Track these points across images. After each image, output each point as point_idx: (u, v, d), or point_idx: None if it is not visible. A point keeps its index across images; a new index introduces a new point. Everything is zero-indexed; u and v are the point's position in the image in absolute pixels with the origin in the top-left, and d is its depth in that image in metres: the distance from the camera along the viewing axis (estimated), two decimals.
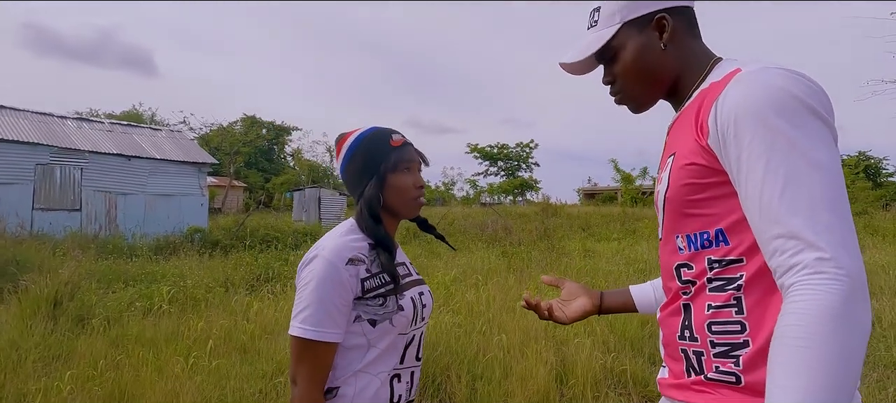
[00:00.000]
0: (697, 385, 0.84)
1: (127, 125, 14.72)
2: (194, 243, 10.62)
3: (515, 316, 4.62)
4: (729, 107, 0.76)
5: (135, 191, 13.01)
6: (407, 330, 1.13)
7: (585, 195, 40.69)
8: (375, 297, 1.08)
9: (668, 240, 0.89)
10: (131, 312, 4.98)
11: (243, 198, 33.22)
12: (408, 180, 1.16)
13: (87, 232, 10.97)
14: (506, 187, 42.23)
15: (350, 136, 1.19)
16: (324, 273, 1.04)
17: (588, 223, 18.36)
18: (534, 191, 44.87)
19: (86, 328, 4.52)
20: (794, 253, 0.69)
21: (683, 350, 0.87)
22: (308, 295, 1.04)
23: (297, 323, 1.04)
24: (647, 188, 33.98)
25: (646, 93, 0.96)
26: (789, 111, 0.72)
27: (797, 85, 0.74)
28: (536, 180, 46.30)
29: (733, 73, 0.80)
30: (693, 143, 0.82)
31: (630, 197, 31.81)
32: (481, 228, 15.66)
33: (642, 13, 0.91)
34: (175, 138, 15.08)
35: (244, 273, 7.14)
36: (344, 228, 1.15)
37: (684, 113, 0.90)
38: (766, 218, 0.72)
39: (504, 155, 49.05)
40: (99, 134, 13.22)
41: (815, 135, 0.72)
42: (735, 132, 0.75)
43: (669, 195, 0.86)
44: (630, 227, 16.93)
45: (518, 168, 48.96)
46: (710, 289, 0.83)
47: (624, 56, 0.93)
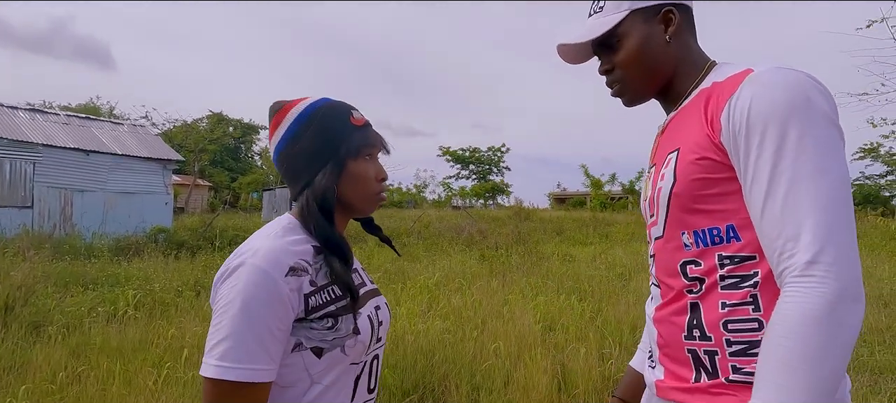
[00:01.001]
0: (716, 387, 0.82)
1: (85, 118, 13.88)
2: (158, 244, 10.08)
3: (504, 322, 4.51)
4: (742, 106, 0.76)
5: (93, 187, 12.26)
6: (361, 358, 0.88)
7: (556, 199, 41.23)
8: (323, 317, 0.83)
9: (672, 237, 0.87)
10: (93, 318, 4.60)
11: (208, 197, 32.10)
12: (370, 169, 0.94)
13: (40, 231, 10.25)
14: (477, 190, 42.38)
15: (293, 107, 0.93)
16: (255, 286, 0.77)
17: (561, 227, 18.53)
18: (505, 195, 45.23)
19: (41, 336, 4.13)
20: (789, 256, 0.72)
21: (691, 351, 0.84)
22: (231, 320, 0.76)
23: (213, 359, 0.76)
24: (616, 193, 34.72)
25: (644, 84, 0.95)
26: (801, 114, 0.73)
27: (810, 88, 0.75)
28: (507, 184, 46.72)
29: (745, 73, 0.80)
30: (704, 139, 0.81)
31: (599, 201, 32.42)
32: (456, 231, 15.57)
33: (652, 3, 0.91)
34: (138, 133, 14.33)
35: (215, 276, 6.78)
36: (279, 227, 0.88)
37: (684, 111, 0.90)
38: (768, 219, 0.74)
39: (476, 158, 49.29)
40: (54, 126, 12.41)
41: (824, 140, 0.73)
42: (747, 131, 0.75)
43: (677, 190, 0.84)
44: (602, 232, 17.18)
45: (489, 171, 49.29)
46: (722, 287, 0.82)
47: (628, 44, 0.92)
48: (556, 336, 4.27)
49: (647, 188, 0.98)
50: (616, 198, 34.31)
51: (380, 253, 9.38)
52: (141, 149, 13.32)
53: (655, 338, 0.93)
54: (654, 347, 0.94)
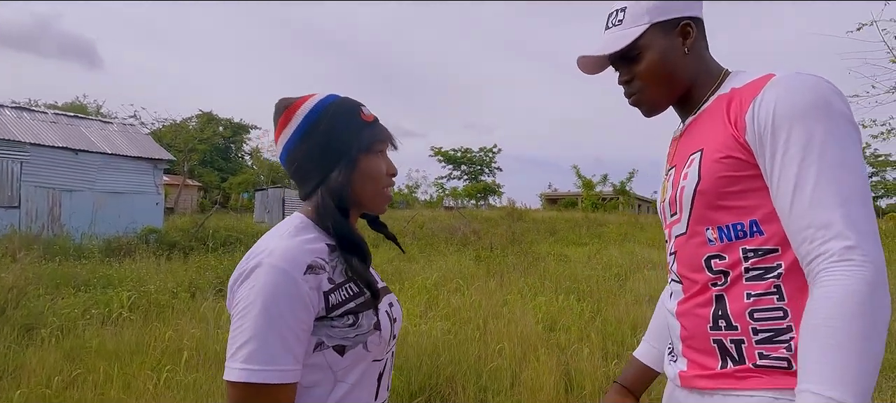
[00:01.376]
0: (743, 372, 0.85)
1: (73, 116, 13.63)
2: (149, 244, 9.93)
3: (505, 322, 4.49)
4: (767, 107, 0.81)
5: (82, 187, 12.03)
6: (382, 354, 0.89)
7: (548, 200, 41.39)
8: (343, 315, 0.82)
9: (695, 233, 0.91)
10: (86, 321, 4.51)
11: (198, 197, 31.76)
12: (381, 165, 0.93)
13: (27, 232, 10.04)
14: (469, 191, 42.39)
15: (303, 104, 0.91)
16: (274, 286, 0.76)
17: (554, 228, 18.59)
18: (496, 196, 45.30)
19: (34, 338, 4.04)
20: (823, 242, 0.75)
21: (717, 340, 0.87)
22: (253, 321, 0.75)
23: (237, 363, 0.74)
24: (608, 194, 34.93)
25: (663, 94, 0.99)
26: (824, 114, 0.78)
27: (830, 90, 0.80)
28: (499, 184, 46.79)
29: (767, 77, 0.85)
30: (728, 139, 0.85)
31: (591, 202, 32.59)
32: (450, 232, 15.55)
33: (670, 17, 0.94)
34: (128, 132, 14.10)
35: (210, 277, 6.69)
36: (291, 226, 0.87)
37: (703, 115, 0.95)
38: (797, 210, 0.78)
39: (467, 159, 49.30)
40: (41, 125, 12.16)
41: (845, 138, 0.78)
42: (772, 130, 0.80)
43: (702, 187, 0.87)
44: (595, 232, 17.27)
45: (481, 172, 49.34)
46: (747, 278, 0.85)
47: (649, 56, 0.95)
48: (558, 336, 4.26)
49: (666, 189, 1.00)
50: (607, 198, 34.51)
51: (376, 253, 9.33)
52: (131, 148, 13.11)
53: (678, 332, 0.95)
54: (676, 341, 0.96)
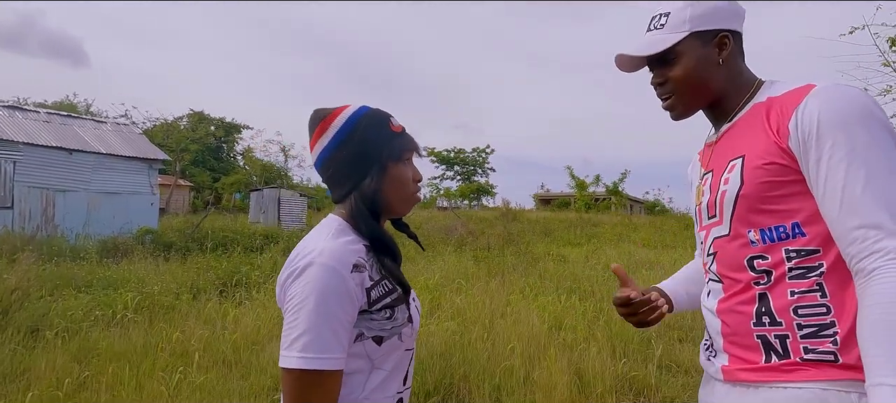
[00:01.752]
0: (789, 366, 0.88)
1: (66, 116, 13.45)
2: (145, 245, 9.85)
3: (511, 322, 4.53)
4: (810, 115, 0.85)
5: (76, 187, 11.88)
6: (412, 344, 0.98)
7: (541, 200, 41.55)
8: (382, 309, 0.90)
9: (738, 235, 0.94)
10: (90, 322, 4.48)
11: (190, 197, 31.48)
12: (408, 172, 1.00)
13: (21, 232, 9.91)
14: (463, 191, 42.44)
15: (338, 115, 0.97)
16: (327, 284, 0.83)
17: (549, 228, 18.67)
18: (490, 196, 45.39)
19: (39, 340, 4.00)
20: (876, 240, 0.79)
21: (761, 336, 0.91)
22: (308, 315, 0.82)
23: (295, 352, 0.81)
24: (600, 194, 35.14)
25: (694, 100, 1.03)
26: (867, 122, 0.83)
27: (870, 101, 0.86)
28: (492, 185, 46.89)
29: (808, 87, 0.89)
30: (771, 146, 0.89)
31: (584, 202, 32.77)
32: (447, 232, 15.57)
33: (709, 28, 0.99)
34: (122, 132, 13.95)
35: (212, 278, 6.65)
36: (332, 229, 0.94)
37: (741, 122, 0.99)
38: (846, 212, 0.82)
39: (460, 159, 49.35)
40: (34, 124, 11.99)
41: (887, 145, 0.83)
42: (817, 136, 0.84)
43: (745, 192, 0.91)
44: (589, 232, 17.39)
45: (474, 172, 49.40)
46: (790, 277, 0.89)
47: (685, 62, 1.00)
48: (564, 335, 4.31)
49: (704, 192, 1.04)
50: (600, 198, 34.71)
51: None
52: (125, 148, 12.97)
53: (719, 328, 0.98)
54: (717, 337, 0.99)
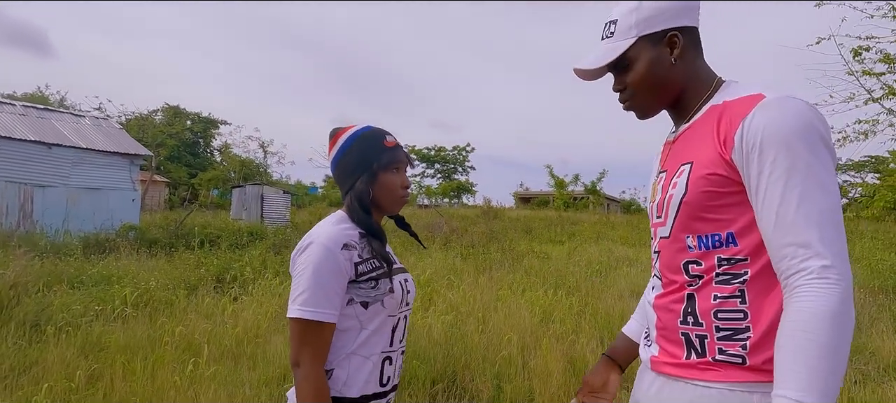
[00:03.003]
0: (703, 364, 0.94)
1: (44, 109, 13.11)
2: (129, 241, 9.73)
3: (503, 316, 4.73)
4: (755, 128, 0.87)
5: (55, 183, 11.61)
6: (395, 311, 1.20)
7: (521, 199, 42.02)
8: (367, 280, 1.15)
9: (677, 239, 0.98)
10: (90, 317, 4.51)
11: (166, 193, 30.84)
12: (396, 179, 1.23)
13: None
14: (444, 189, 42.59)
15: (346, 132, 1.25)
16: (321, 257, 1.09)
17: (529, 226, 18.99)
18: (470, 194, 45.67)
19: (42, 335, 4.03)
20: (803, 259, 0.82)
21: (685, 334, 0.97)
22: (306, 279, 1.08)
23: (296, 306, 1.08)
24: (579, 193, 35.77)
25: (653, 102, 1.05)
26: (808, 139, 0.85)
27: (815, 117, 0.87)
28: (473, 183, 47.18)
29: (756, 97, 0.91)
30: (715, 156, 0.92)
31: (563, 201, 33.32)
32: (430, 230, 15.72)
33: (657, 29, 1.00)
34: (101, 126, 13.65)
35: (204, 274, 6.69)
36: (334, 219, 1.20)
37: (696, 125, 1.00)
38: (780, 229, 0.84)
39: (440, 157, 49.48)
40: (10, 117, 11.65)
41: (825, 164, 0.85)
42: (759, 151, 0.86)
43: (687, 199, 0.95)
44: (570, 231, 17.76)
45: (454, 170, 49.60)
46: (716, 282, 0.94)
47: (637, 67, 1.01)
48: (554, 328, 4.54)
49: (657, 191, 1.07)
50: (578, 197, 35.33)
51: None
52: (105, 143, 12.71)
53: (654, 322, 1.05)
54: (653, 329, 1.06)
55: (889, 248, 10.04)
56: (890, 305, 5.84)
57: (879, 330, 4.74)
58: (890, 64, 7.90)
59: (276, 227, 13.31)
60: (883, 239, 12.62)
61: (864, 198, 8.79)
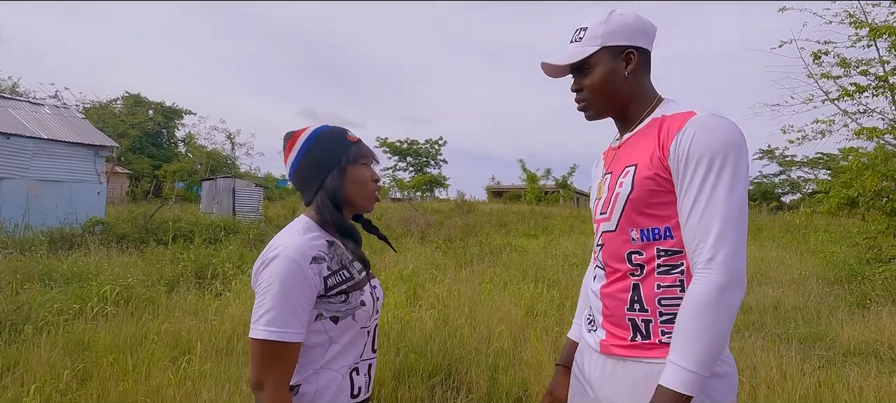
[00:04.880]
0: (649, 345, 1.08)
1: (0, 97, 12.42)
2: (96, 236, 9.39)
3: (488, 309, 4.84)
4: (686, 140, 1.03)
5: (14, 175, 11.02)
6: (367, 323, 1.15)
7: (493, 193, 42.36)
8: (338, 294, 1.08)
9: (622, 232, 1.12)
10: (67, 316, 4.38)
11: (128, 186, 29.69)
12: (366, 173, 1.18)
13: None
14: (417, 183, 42.52)
15: (303, 133, 1.18)
16: (288, 272, 1.01)
17: (503, 220, 19.22)
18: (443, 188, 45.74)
19: (19, 336, 3.90)
20: (699, 254, 1.00)
21: (632, 320, 1.10)
22: (272, 297, 1.00)
23: (261, 326, 1.00)
24: (550, 188, 36.36)
25: (603, 107, 1.19)
26: (725, 153, 1.00)
27: (734, 134, 1.02)
28: (445, 177, 47.25)
29: (689, 114, 1.06)
30: (656, 160, 1.07)
31: (535, 195, 33.81)
32: (405, 224, 15.73)
33: (618, 44, 1.14)
34: (62, 115, 13.01)
35: (181, 269, 6.55)
36: (299, 227, 1.12)
37: (639, 133, 1.15)
38: (689, 226, 1.02)
39: (413, 150, 49.32)
40: None
41: (736, 174, 1.00)
42: (686, 160, 1.02)
43: (633, 196, 1.09)
44: (542, 224, 18.08)
45: (426, 164, 49.53)
46: (658, 272, 1.08)
47: (595, 73, 1.15)
48: (540, 320, 4.68)
49: (602, 189, 1.20)
50: (549, 192, 35.91)
51: None
52: (67, 133, 12.13)
53: (600, 309, 1.17)
54: (598, 315, 1.18)
55: (842, 241, 10.70)
56: (845, 295, 6.26)
57: (838, 319, 5.10)
58: (846, 68, 8.39)
59: (249, 221, 13.06)
60: (835, 233, 13.42)
61: (820, 194, 9.30)
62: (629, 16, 1.16)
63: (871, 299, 5.73)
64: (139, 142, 33.36)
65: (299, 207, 19.06)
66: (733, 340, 4.43)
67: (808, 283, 6.99)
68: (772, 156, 35.81)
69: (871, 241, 8.14)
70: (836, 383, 3.23)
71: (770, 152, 35.54)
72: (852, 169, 8.69)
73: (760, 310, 5.72)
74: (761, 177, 37.45)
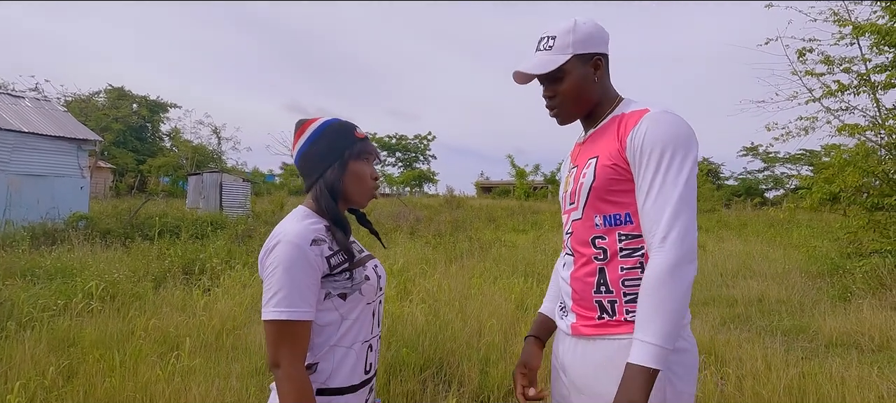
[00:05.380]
0: (614, 323, 1.17)
1: None
2: (79, 231, 9.23)
3: (479, 303, 4.87)
4: (640, 134, 1.13)
5: None
6: (373, 298, 1.22)
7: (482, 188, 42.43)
8: (342, 272, 1.14)
9: (587, 219, 1.21)
10: (51, 312, 4.30)
11: (111, 181, 29.19)
12: (367, 170, 1.24)
13: None
14: (406, 178, 42.43)
15: (315, 122, 1.24)
16: (291, 256, 1.07)
17: (492, 215, 19.29)
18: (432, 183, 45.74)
19: (2, 332, 3.82)
20: (653, 235, 1.09)
21: (599, 302, 1.19)
22: (278, 280, 1.06)
23: (271, 307, 1.06)
24: (539, 183, 36.55)
25: (575, 110, 1.27)
26: (674, 144, 1.10)
27: (682, 128, 1.12)
28: (434, 172, 47.26)
29: (644, 111, 1.16)
30: (615, 152, 1.16)
31: (524, 191, 33.95)
32: (395, 219, 15.71)
33: (588, 51, 1.23)
34: (43, 108, 12.72)
35: (168, 265, 6.47)
36: (298, 215, 1.18)
37: (601, 129, 1.25)
38: (645, 210, 1.11)
39: (402, 146, 49.25)
40: None
41: (685, 164, 1.10)
42: (640, 152, 1.12)
43: (595, 185, 1.18)
44: (531, 219, 18.18)
45: (415, 159, 49.50)
46: (621, 256, 1.17)
47: (570, 79, 1.23)
48: (530, 314, 4.72)
49: (568, 182, 1.30)
50: (538, 187, 36.08)
51: None
52: (49, 126, 11.87)
53: (570, 294, 1.25)
54: (568, 300, 1.27)
55: (824, 236, 10.92)
56: (827, 288, 6.40)
57: (821, 311, 5.21)
58: (830, 65, 8.54)
59: (237, 217, 12.92)
60: (817, 228, 13.69)
61: (802, 190, 9.47)
62: (591, 24, 1.25)
63: (851, 292, 5.86)
64: (123, 137, 32.79)
65: (287, 202, 18.89)
66: (720, 332, 4.51)
67: (791, 277, 7.13)
68: (755, 153, 36.35)
69: (851, 236, 8.31)
70: (819, 373, 3.30)
71: (754, 149, 36.08)
72: (834, 165, 8.86)
73: (745, 303, 5.82)
74: (745, 173, 38.08)
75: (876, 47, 8.12)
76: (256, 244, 8.81)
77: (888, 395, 2.89)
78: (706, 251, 10.02)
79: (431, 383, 3.21)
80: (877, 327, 4.45)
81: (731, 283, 7.00)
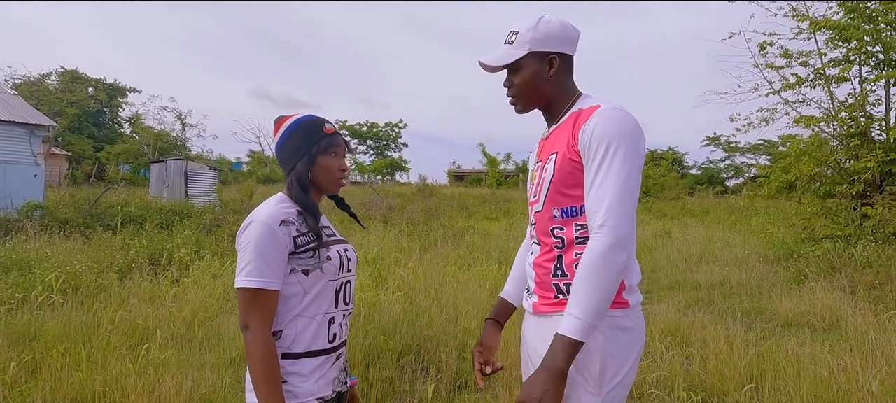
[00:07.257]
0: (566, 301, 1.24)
1: None
2: (35, 221, 8.81)
3: (454, 291, 4.92)
4: (590, 129, 1.21)
5: None
6: (336, 277, 1.33)
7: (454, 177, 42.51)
8: (306, 251, 1.28)
9: (548, 211, 1.30)
10: (8, 306, 4.12)
11: (67, 168, 27.87)
12: (334, 162, 1.35)
13: None
14: (378, 166, 42.09)
15: (289, 119, 1.37)
16: (261, 233, 1.22)
17: (465, 203, 19.38)
18: (404, 171, 45.53)
19: None
20: (592, 221, 1.17)
21: (556, 284, 1.29)
22: (250, 253, 1.21)
23: (242, 277, 1.21)
24: (510, 172, 36.90)
25: (528, 102, 1.37)
26: (620, 139, 1.18)
27: (628, 124, 1.20)
28: (406, 160, 47.04)
29: (595, 107, 1.24)
30: (570, 148, 1.25)
31: (495, 179, 34.22)
32: (368, 207, 15.59)
33: (543, 49, 1.31)
34: None
35: (134, 255, 6.26)
36: (274, 199, 1.32)
37: (561, 126, 1.32)
38: (589, 198, 1.19)
39: (373, 133, 48.76)
40: None
41: (628, 156, 1.18)
42: (589, 145, 1.20)
43: (555, 180, 1.27)
44: (503, 208, 18.36)
45: (387, 147, 49.12)
46: (576, 243, 1.26)
47: (524, 73, 1.32)
48: None
49: (534, 176, 1.40)
50: (509, 175, 36.43)
51: None
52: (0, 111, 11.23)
53: (534, 278, 1.35)
54: (532, 283, 1.37)
55: (780, 223, 11.45)
56: (784, 272, 6.74)
57: (777, 294, 5.49)
58: (788, 58, 8.91)
59: (203, 206, 12.57)
60: (774, 215, 14.33)
61: (761, 179, 9.89)
62: (555, 24, 1.31)
63: (805, 275, 6.19)
64: (78, 122, 31.28)
65: (256, 191, 18.46)
66: (685, 314, 4.70)
67: (750, 262, 7.47)
68: (717, 143, 37.64)
69: (805, 222, 8.76)
70: (776, 352, 3.49)
71: (716, 139, 37.34)
72: (791, 155, 9.28)
73: (708, 287, 6.08)
74: (708, 162, 39.40)
75: (831, 42, 8.51)
76: (225, 233, 8.60)
77: (838, 370, 3.09)
78: (671, 237, 10.37)
79: (409, 369, 3.25)
80: (828, 307, 4.73)
81: (694, 268, 7.28)
